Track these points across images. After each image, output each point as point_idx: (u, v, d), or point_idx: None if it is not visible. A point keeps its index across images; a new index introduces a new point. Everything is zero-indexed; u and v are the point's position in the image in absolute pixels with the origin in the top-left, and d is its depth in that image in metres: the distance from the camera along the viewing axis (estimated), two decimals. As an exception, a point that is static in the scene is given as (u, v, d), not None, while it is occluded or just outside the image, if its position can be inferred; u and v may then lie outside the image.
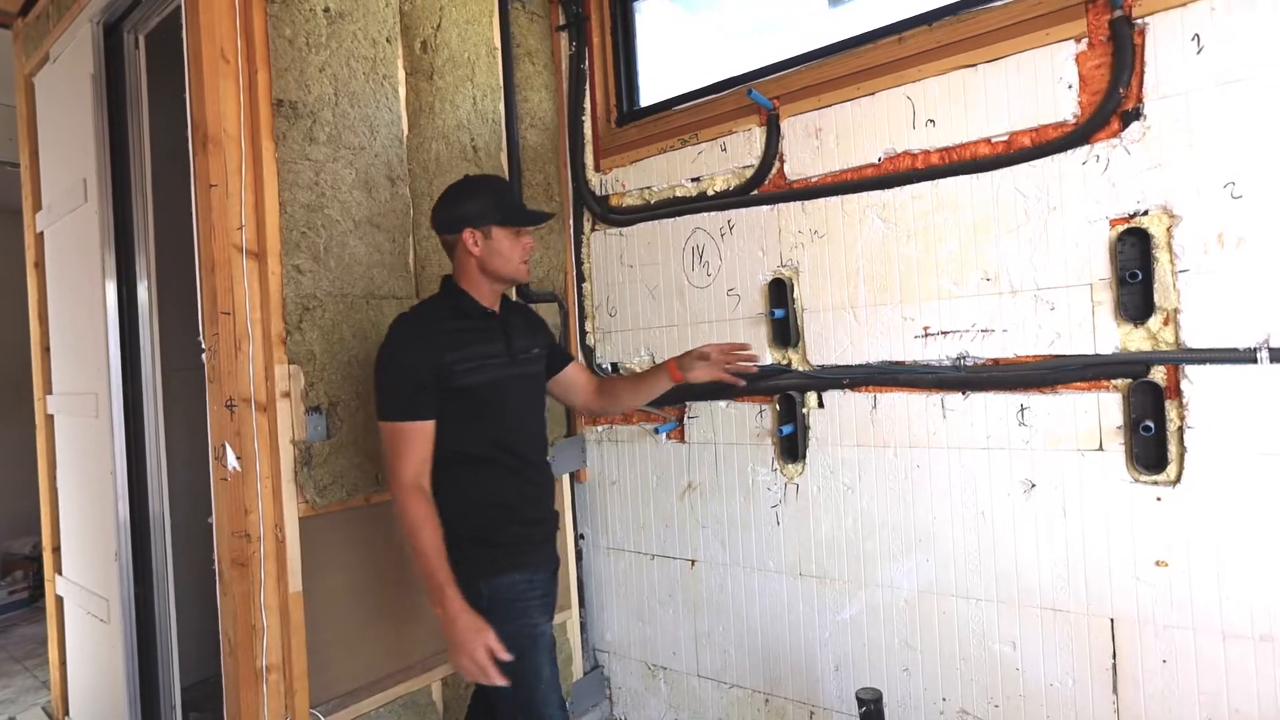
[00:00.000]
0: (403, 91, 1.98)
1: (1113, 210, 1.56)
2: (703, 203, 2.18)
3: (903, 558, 1.86)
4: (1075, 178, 1.59)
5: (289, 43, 1.71)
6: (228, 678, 1.70)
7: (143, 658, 2.22)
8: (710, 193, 2.17)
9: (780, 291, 2.02)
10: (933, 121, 1.77)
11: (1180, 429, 1.50)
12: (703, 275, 2.19)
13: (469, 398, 1.51)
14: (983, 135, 1.71)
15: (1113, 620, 1.59)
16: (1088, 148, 1.58)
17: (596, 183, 2.45)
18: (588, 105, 2.45)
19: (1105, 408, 1.58)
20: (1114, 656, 1.59)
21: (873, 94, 1.85)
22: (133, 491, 2.22)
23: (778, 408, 2.04)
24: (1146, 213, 1.52)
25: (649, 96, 2.41)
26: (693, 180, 2.21)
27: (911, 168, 1.81)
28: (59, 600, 2.60)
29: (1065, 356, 1.62)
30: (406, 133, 1.99)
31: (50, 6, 2.48)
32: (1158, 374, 1.52)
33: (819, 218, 1.95)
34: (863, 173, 1.88)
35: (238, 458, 1.64)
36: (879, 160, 1.86)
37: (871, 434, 1.89)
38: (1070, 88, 1.60)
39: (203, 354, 1.72)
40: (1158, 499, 1.53)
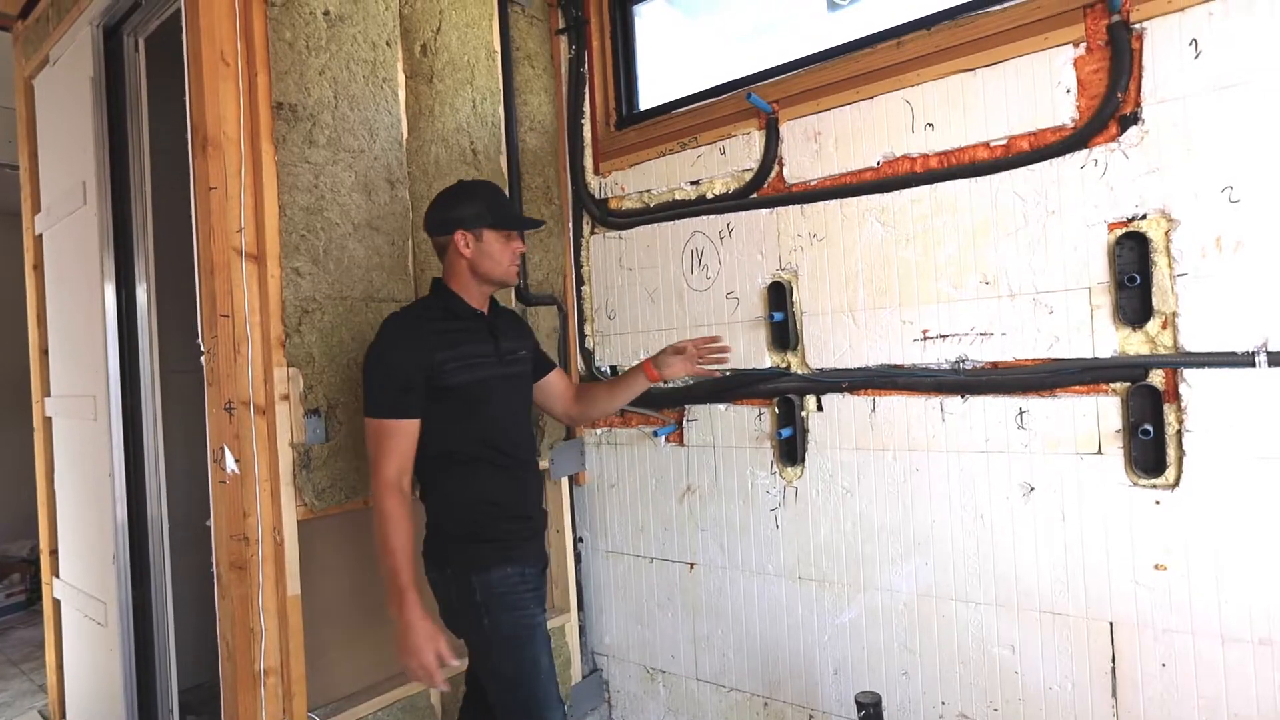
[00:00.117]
0: (402, 95, 1.98)
1: (1111, 214, 1.56)
2: (702, 206, 2.18)
3: (902, 561, 1.86)
4: (1074, 182, 1.60)
5: (289, 46, 1.71)
6: (225, 681, 1.69)
7: (140, 661, 2.21)
8: (709, 196, 2.18)
9: (779, 295, 2.03)
10: (931, 125, 1.78)
11: (1179, 432, 1.50)
12: (702, 278, 2.20)
13: (459, 397, 1.53)
14: (981, 139, 1.71)
15: (1112, 624, 1.59)
16: (1086, 152, 1.58)
17: (596, 186, 2.45)
18: (587, 109, 2.45)
19: (1104, 411, 1.58)
20: (1113, 660, 1.59)
21: (871, 98, 1.86)
22: (131, 494, 2.22)
23: (777, 411, 2.05)
24: (1145, 216, 1.53)
25: (648, 100, 2.42)
26: (692, 183, 2.21)
27: (910, 171, 1.81)
28: (56, 603, 2.60)
29: (1064, 360, 1.62)
30: (406, 136, 1.99)
31: (50, 9, 2.48)
32: (1156, 377, 1.52)
33: (818, 221, 1.95)
34: (861, 176, 1.89)
35: (236, 460, 1.64)
36: (878, 164, 1.86)
37: (870, 437, 1.89)
38: (1068, 92, 1.60)
39: (201, 357, 1.72)
40: (1156, 502, 1.53)
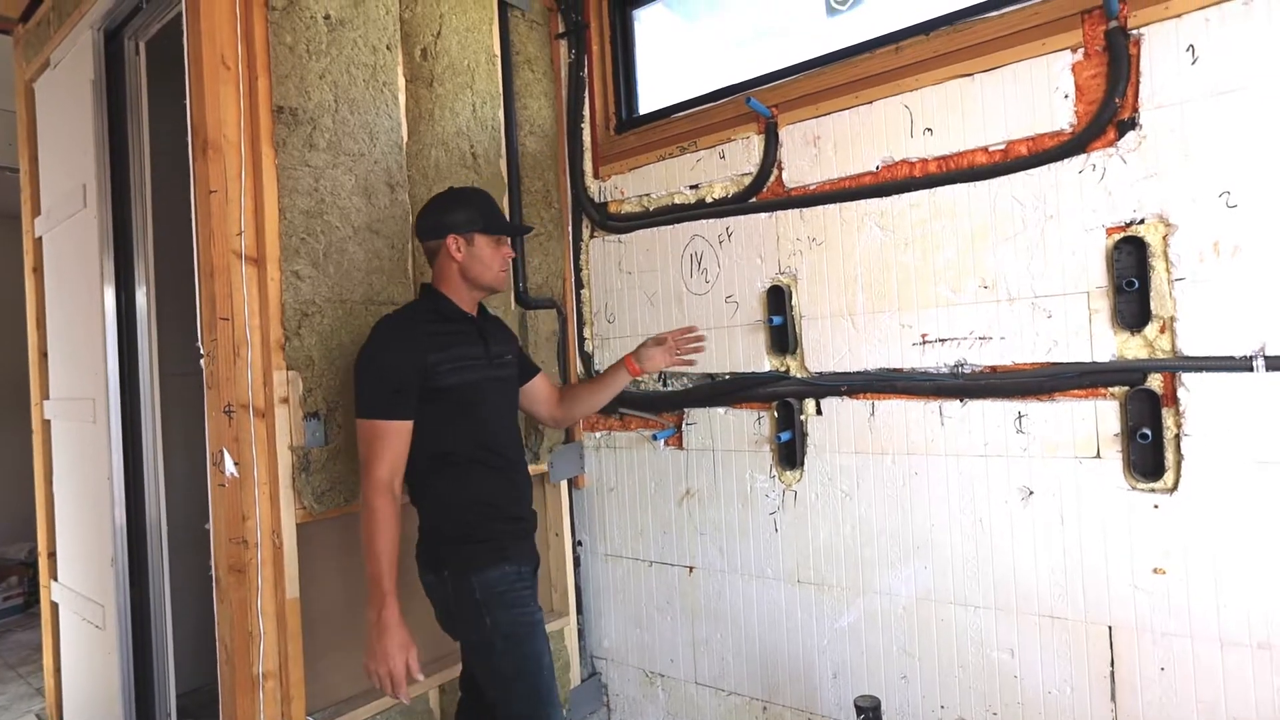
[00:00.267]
0: (403, 98, 1.99)
1: (1109, 219, 1.57)
2: (701, 210, 2.19)
3: (901, 565, 1.86)
4: (1072, 186, 1.60)
5: (289, 49, 1.72)
6: (224, 685, 1.69)
7: (138, 664, 2.21)
8: (709, 200, 2.18)
9: (779, 298, 2.03)
10: (930, 130, 1.78)
11: (1177, 436, 1.50)
12: (701, 282, 2.20)
13: (451, 398, 1.55)
14: (980, 144, 1.72)
15: (1111, 628, 1.59)
16: (1084, 157, 1.59)
17: (595, 190, 2.45)
18: (587, 112, 2.46)
19: (1102, 415, 1.59)
20: (1112, 664, 1.59)
21: (870, 103, 1.86)
22: (130, 497, 2.22)
23: (776, 414, 2.05)
24: (1143, 221, 1.53)
25: (648, 104, 2.42)
26: (691, 187, 2.22)
27: (909, 176, 1.82)
28: (54, 606, 2.59)
29: (1062, 364, 1.62)
30: (406, 139, 1.99)
31: (51, 13, 2.49)
32: (1154, 382, 1.52)
33: (817, 225, 1.96)
34: (861, 181, 1.89)
35: (235, 463, 1.64)
36: (877, 168, 1.87)
37: (870, 441, 1.89)
38: (1066, 97, 1.61)
39: (201, 359, 1.72)
40: (1155, 506, 1.53)
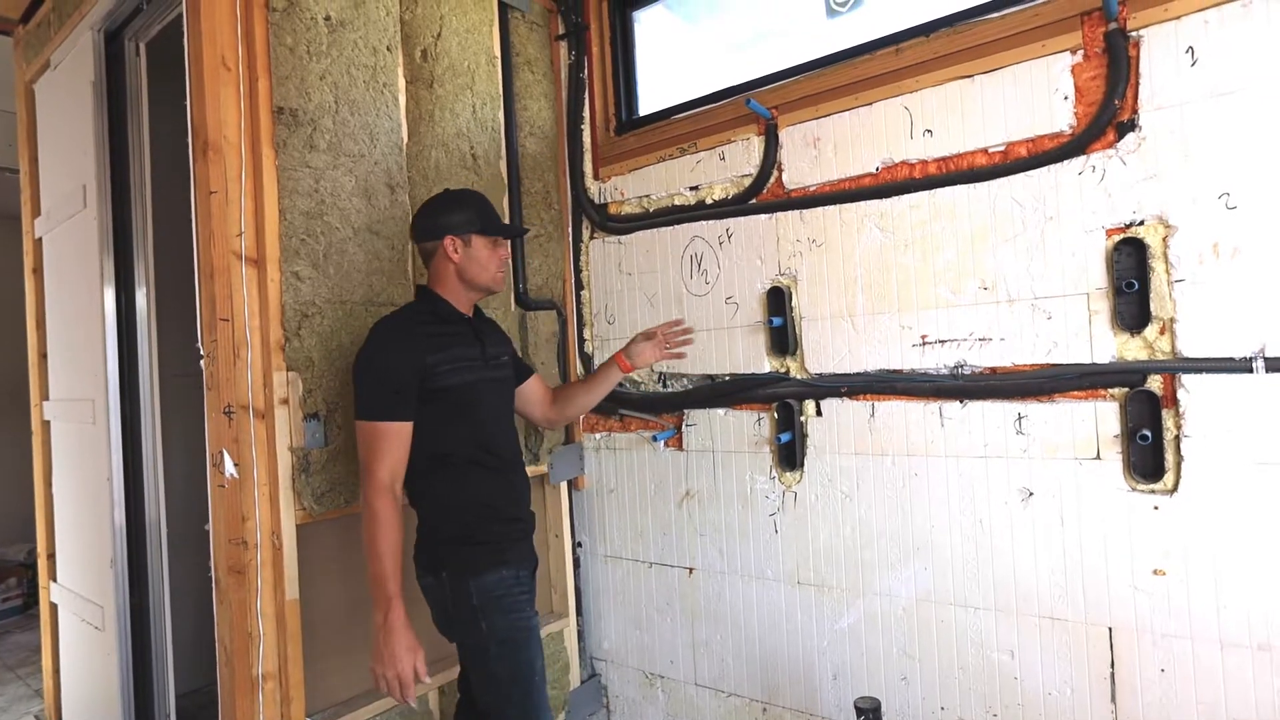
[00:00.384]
0: (403, 99, 1.99)
1: (1109, 220, 1.57)
2: (701, 211, 2.19)
3: (901, 566, 1.85)
4: (1071, 188, 1.60)
5: (290, 50, 1.72)
6: (223, 686, 1.69)
7: (138, 665, 2.21)
8: (709, 201, 2.18)
9: (779, 300, 2.03)
10: (930, 132, 1.78)
11: (1177, 438, 1.50)
12: (701, 283, 2.20)
13: (448, 399, 1.55)
14: (980, 145, 1.72)
15: (1111, 629, 1.59)
16: (1084, 158, 1.59)
17: (595, 191, 2.45)
18: (587, 114, 2.46)
19: (1102, 416, 1.59)
20: (1112, 665, 1.59)
21: (870, 104, 1.87)
22: (129, 498, 2.21)
23: (776, 416, 2.05)
24: (1142, 223, 1.53)
25: (648, 106, 2.42)
26: (691, 189, 2.22)
27: (909, 177, 1.82)
28: (53, 607, 2.58)
29: (1062, 365, 1.63)
30: (406, 140, 1.99)
31: (51, 14, 2.49)
32: (1154, 383, 1.52)
33: (817, 226, 1.96)
34: (860, 182, 1.89)
35: (235, 465, 1.64)
36: (877, 170, 1.87)
37: (869, 442, 1.89)
38: (1066, 99, 1.61)
39: (201, 360, 1.72)
40: (1155, 507, 1.53)
